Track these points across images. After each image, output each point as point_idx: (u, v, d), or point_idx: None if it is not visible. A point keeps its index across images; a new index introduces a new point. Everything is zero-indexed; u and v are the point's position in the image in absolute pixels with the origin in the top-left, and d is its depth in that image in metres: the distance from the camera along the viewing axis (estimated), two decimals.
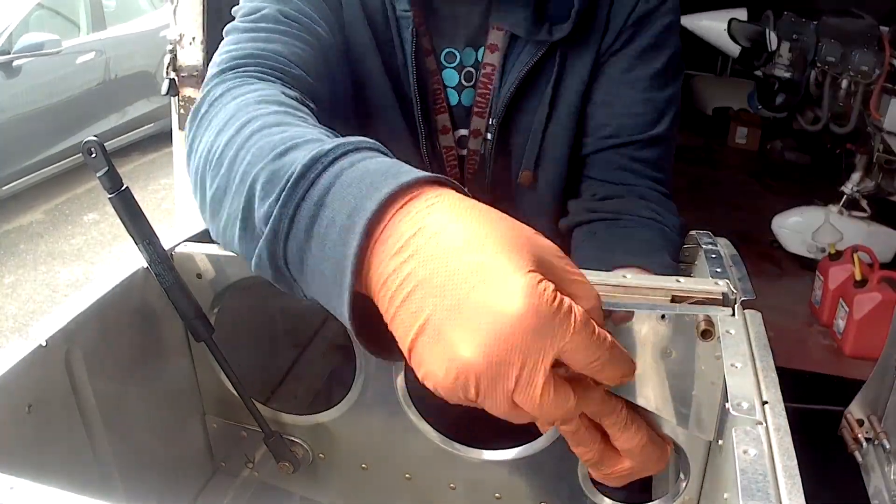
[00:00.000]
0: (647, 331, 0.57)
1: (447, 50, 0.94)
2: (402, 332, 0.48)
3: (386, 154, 0.57)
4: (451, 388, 0.46)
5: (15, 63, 4.53)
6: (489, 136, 0.96)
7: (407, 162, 0.54)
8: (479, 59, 0.94)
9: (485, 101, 0.95)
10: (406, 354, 0.48)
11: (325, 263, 0.51)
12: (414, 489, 0.80)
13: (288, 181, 0.54)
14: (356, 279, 0.49)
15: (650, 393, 0.59)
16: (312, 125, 0.64)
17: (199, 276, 0.73)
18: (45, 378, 0.61)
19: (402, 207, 0.49)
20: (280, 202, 0.54)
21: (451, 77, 0.95)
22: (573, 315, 0.45)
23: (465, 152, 0.99)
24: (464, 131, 0.98)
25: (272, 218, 0.54)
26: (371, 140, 0.57)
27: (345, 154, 0.54)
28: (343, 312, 0.50)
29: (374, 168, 0.52)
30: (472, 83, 0.96)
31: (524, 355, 0.44)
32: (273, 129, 0.61)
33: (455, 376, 0.45)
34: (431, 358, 0.46)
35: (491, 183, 0.98)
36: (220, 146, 0.64)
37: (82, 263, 4.16)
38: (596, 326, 0.47)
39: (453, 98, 0.96)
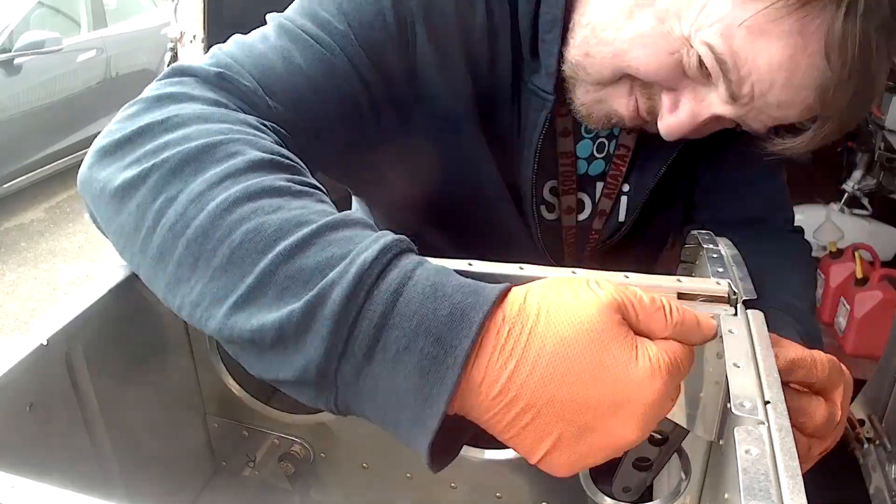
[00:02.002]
0: None
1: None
2: (527, 446, 0.48)
3: (414, 251, 0.52)
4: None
5: (16, 61, 4.53)
6: (619, 224, 0.95)
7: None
8: (615, 132, 0.90)
9: (616, 182, 0.92)
10: (534, 462, 0.49)
11: (399, 389, 0.46)
12: (415, 488, 0.80)
13: (324, 295, 0.47)
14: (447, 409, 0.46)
15: None
16: (310, 196, 0.56)
17: None
18: (47, 377, 0.61)
19: (495, 336, 0.47)
20: (329, 321, 0.46)
21: (584, 148, 0.91)
22: (680, 365, 0.48)
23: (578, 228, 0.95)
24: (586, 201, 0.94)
25: (324, 338, 0.47)
26: (400, 236, 0.51)
27: (392, 262, 0.49)
28: (420, 442, 0.47)
29: (437, 282, 0.48)
30: (603, 155, 0.92)
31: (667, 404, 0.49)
32: (263, 204, 0.53)
33: (610, 456, 0.48)
34: (570, 460, 0.48)
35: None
36: (184, 194, 0.54)
37: (83, 261, 4.16)
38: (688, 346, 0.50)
39: (581, 167, 0.92)
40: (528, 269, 0.59)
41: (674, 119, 0.74)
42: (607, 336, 0.46)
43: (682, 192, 0.98)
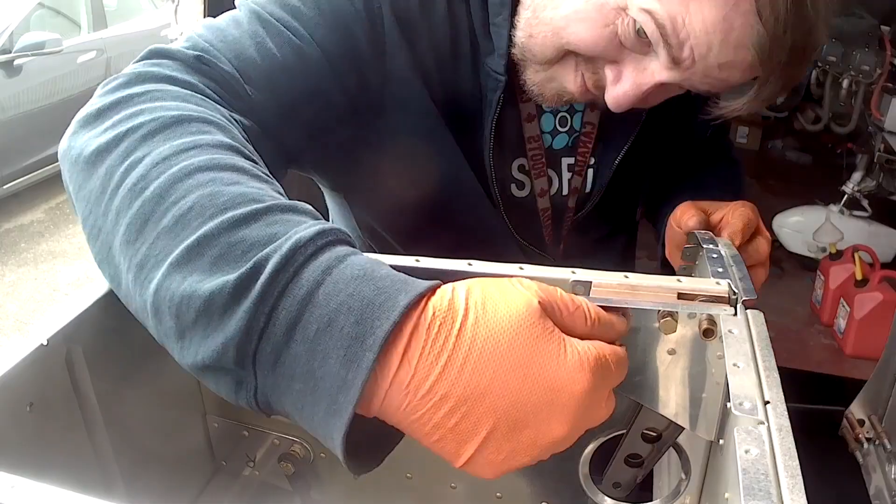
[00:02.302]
0: (649, 330, 0.57)
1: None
2: (453, 448, 0.47)
3: (352, 245, 0.51)
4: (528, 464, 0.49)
5: (16, 62, 4.53)
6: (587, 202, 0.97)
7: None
8: (577, 107, 0.92)
9: (584, 159, 0.94)
10: (459, 465, 0.48)
11: (316, 374, 0.45)
12: (415, 489, 0.80)
13: (259, 267, 0.46)
14: (359, 401, 0.44)
15: (652, 392, 0.59)
16: (269, 184, 0.56)
17: None
18: (47, 377, 0.61)
19: (426, 331, 0.46)
20: (254, 295, 0.45)
21: (546, 122, 0.92)
22: (607, 362, 0.50)
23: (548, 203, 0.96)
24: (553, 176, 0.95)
25: (246, 312, 0.45)
26: (343, 230, 0.51)
27: (327, 246, 0.49)
28: (334, 435, 0.45)
29: (368, 268, 0.48)
30: (566, 128, 0.93)
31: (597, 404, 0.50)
32: (223, 176, 0.53)
33: (538, 456, 0.49)
34: (497, 459, 0.47)
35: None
36: (150, 157, 0.54)
37: (83, 262, 4.16)
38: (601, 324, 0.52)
39: (546, 141, 0.93)
40: (528, 270, 0.59)
41: (619, 90, 0.75)
42: (536, 331, 0.47)
43: (650, 162, 1.00)
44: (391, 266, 0.50)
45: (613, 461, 0.65)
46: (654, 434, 0.62)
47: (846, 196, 4.00)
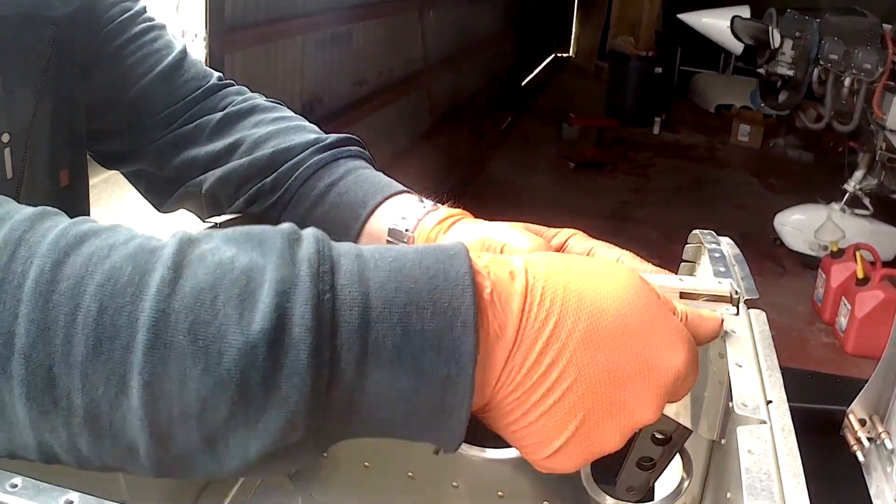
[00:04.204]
0: None
1: None
2: (547, 434, 0.43)
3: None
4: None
5: None
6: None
7: None
8: None
9: None
10: (550, 453, 0.44)
11: (405, 389, 0.39)
12: (417, 488, 0.80)
13: (284, 310, 0.37)
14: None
15: None
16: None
17: None
18: None
19: (522, 295, 0.42)
20: (305, 346, 0.36)
21: None
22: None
23: None
24: None
25: (305, 369, 0.36)
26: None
27: (329, 247, 0.41)
28: (447, 436, 0.41)
29: (389, 255, 0.41)
30: None
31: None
32: (92, 250, 0.39)
33: (624, 436, 0.45)
34: (594, 439, 0.44)
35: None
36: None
37: None
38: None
39: None
40: None
41: None
42: (648, 295, 0.45)
43: None
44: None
45: (625, 465, 0.65)
46: (664, 437, 0.62)
47: (848, 194, 4.00)
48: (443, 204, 0.73)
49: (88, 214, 0.86)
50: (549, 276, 0.43)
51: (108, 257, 0.38)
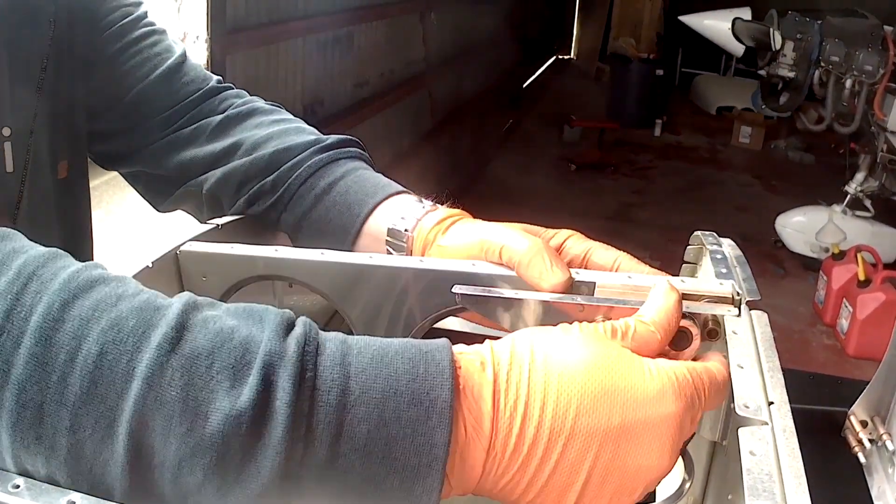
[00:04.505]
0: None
1: None
2: (556, 497, 0.43)
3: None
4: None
5: None
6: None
7: None
8: None
9: None
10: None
11: (376, 478, 0.39)
12: None
13: (270, 383, 0.38)
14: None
15: None
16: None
17: (204, 276, 0.73)
18: None
19: (492, 384, 0.42)
20: (282, 419, 0.37)
21: None
22: (692, 378, 0.46)
23: None
24: None
25: (279, 442, 0.37)
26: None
27: (313, 331, 0.42)
28: None
29: (371, 344, 0.42)
30: None
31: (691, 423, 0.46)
32: (102, 296, 0.40)
33: (641, 489, 0.45)
34: (606, 497, 0.44)
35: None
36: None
37: None
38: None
39: None
40: None
41: None
42: (612, 353, 0.45)
43: None
44: (388, 266, 0.49)
45: None
46: None
47: (849, 196, 4.00)
48: (442, 205, 0.73)
49: (89, 210, 0.87)
50: (514, 358, 0.44)
51: (116, 306, 0.39)
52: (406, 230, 0.70)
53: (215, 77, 0.87)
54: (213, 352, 0.39)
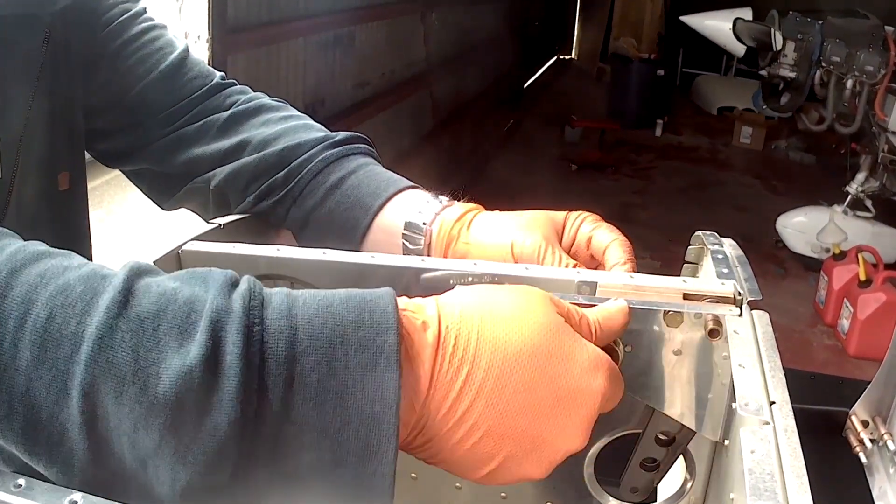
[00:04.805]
0: (654, 330, 0.57)
1: None
2: (469, 468, 0.45)
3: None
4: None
5: None
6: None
7: None
8: None
9: None
10: (478, 479, 0.46)
11: (329, 428, 0.40)
12: (420, 489, 0.80)
13: (218, 338, 0.38)
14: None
15: (658, 392, 0.59)
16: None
17: None
18: None
19: (441, 345, 0.43)
20: (235, 372, 0.38)
21: None
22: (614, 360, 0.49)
23: None
24: None
25: (233, 394, 0.37)
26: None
27: (259, 288, 0.42)
28: (375, 480, 0.40)
29: (322, 297, 0.42)
30: None
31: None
32: (49, 266, 0.41)
33: (551, 466, 0.46)
34: (513, 476, 0.46)
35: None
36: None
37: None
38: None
39: None
40: (533, 270, 0.59)
41: None
42: (559, 328, 0.46)
43: None
44: (391, 266, 0.49)
45: (629, 466, 0.65)
46: (668, 438, 0.62)
47: (850, 196, 4.00)
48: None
49: (87, 217, 0.87)
50: (462, 323, 0.44)
51: (63, 275, 0.40)
52: (424, 223, 0.71)
53: (219, 73, 0.87)
54: (158, 314, 0.39)
